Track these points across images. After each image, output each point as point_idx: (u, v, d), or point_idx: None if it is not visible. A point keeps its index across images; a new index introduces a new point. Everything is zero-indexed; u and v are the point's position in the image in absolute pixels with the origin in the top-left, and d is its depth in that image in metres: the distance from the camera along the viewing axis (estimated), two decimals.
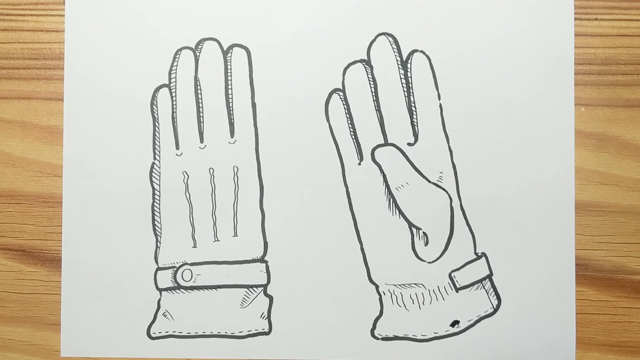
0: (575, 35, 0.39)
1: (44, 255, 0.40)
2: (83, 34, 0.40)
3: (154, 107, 0.40)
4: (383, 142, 0.39)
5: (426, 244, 0.39)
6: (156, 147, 0.40)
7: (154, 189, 0.40)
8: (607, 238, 0.39)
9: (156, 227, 0.40)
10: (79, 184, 0.40)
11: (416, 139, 0.39)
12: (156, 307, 0.40)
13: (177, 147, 0.40)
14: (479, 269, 0.39)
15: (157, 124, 0.40)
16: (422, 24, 0.39)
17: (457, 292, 0.39)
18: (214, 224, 0.40)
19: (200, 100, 0.40)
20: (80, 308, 0.40)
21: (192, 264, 0.39)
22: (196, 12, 0.40)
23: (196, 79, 0.40)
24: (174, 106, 0.40)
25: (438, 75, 0.39)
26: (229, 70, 0.40)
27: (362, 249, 0.39)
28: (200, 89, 0.40)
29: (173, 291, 0.39)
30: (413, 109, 0.39)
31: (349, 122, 0.40)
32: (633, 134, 0.39)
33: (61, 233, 0.40)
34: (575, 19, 0.39)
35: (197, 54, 0.40)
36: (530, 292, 0.39)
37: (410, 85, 0.39)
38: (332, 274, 0.39)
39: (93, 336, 0.40)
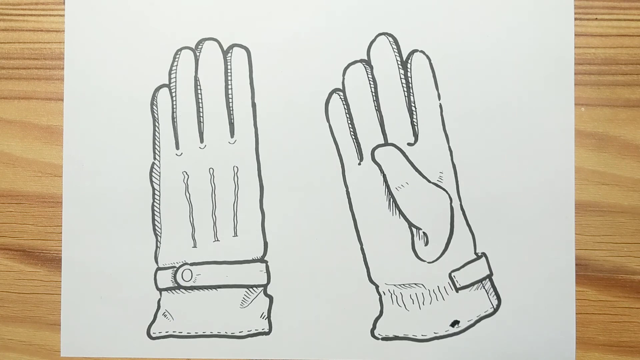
0: (575, 35, 0.39)
1: (44, 255, 0.40)
2: (83, 34, 0.40)
3: (154, 107, 0.40)
4: (383, 142, 0.39)
5: (426, 244, 0.39)
6: (156, 147, 0.40)
7: (154, 189, 0.40)
8: (607, 238, 0.39)
9: (156, 227, 0.40)
10: (79, 184, 0.40)
11: (416, 139, 0.39)
12: (156, 307, 0.40)
13: (177, 147, 0.40)
14: (479, 269, 0.39)
15: (157, 124, 0.40)
16: (422, 24, 0.39)
17: (457, 292, 0.39)
18: (214, 224, 0.40)
19: (200, 100, 0.40)
20: (80, 308, 0.40)
21: (192, 264, 0.39)
22: (196, 12, 0.40)
23: (196, 79, 0.40)
24: (174, 106, 0.40)
25: (438, 75, 0.39)
26: (229, 70, 0.40)
27: (362, 249, 0.39)
28: (200, 89, 0.40)
29: (173, 291, 0.39)
30: (413, 109, 0.39)
31: (349, 122, 0.40)
32: (633, 134, 0.39)
33: (61, 233, 0.40)
34: (575, 19, 0.39)
35: (197, 54, 0.40)
36: (530, 292, 0.39)
37: (410, 85, 0.39)
38: (332, 274, 0.39)
39: (93, 336, 0.40)
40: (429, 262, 0.39)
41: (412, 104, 0.39)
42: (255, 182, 0.40)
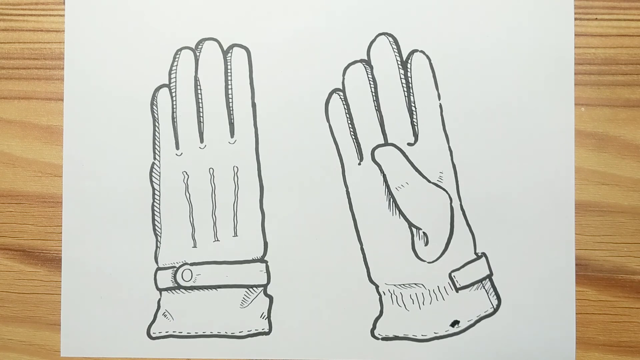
0: (575, 35, 0.39)
1: (44, 255, 0.40)
2: (83, 34, 0.40)
3: (154, 107, 0.40)
4: (383, 142, 0.39)
5: (426, 244, 0.39)
6: (156, 147, 0.40)
7: (154, 189, 0.40)
8: (607, 238, 0.39)
9: (156, 227, 0.40)
10: (79, 184, 0.40)
11: (416, 139, 0.39)
12: (156, 307, 0.40)
13: (177, 147, 0.40)
14: (479, 269, 0.39)
15: (157, 124, 0.40)
16: (422, 24, 0.39)
17: (457, 292, 0.39)
18: (214, 224, 0.40)
19: (200, 100, 0.40)
20: (80, 308, 0.40)
21: (192, 264, 0.39)
22: (196, 12, 0.40)
23: (196, 79, 0.40)
24: (174, 106, 0.40)
25: (438, 75, 0.39)
26: (229, 70, 0.40)
27: (362, 249, 0.39)
28: (200, 89, 0.40)
29: (173, 291, 0.39)
30: (413, 109, 0.39)
31: (349, 122, 0.40)
32: (633, 134, 0.39)
33: (61, 233, 0.40)
34: (575, 19, 0.39)
35: (197, 54, 0.40)
36: (530, 292, 0.39)
37: (410, 85, 0.39)
38: (332, 274, 0.39)
39: (93, 336, 0.40)
40: (429, 262, 0.39)
41: (412, 104, 0.39)
42: (255, 182, 0.40)
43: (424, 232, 0.39)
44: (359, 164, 0.39)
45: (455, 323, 0.39)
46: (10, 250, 0.40)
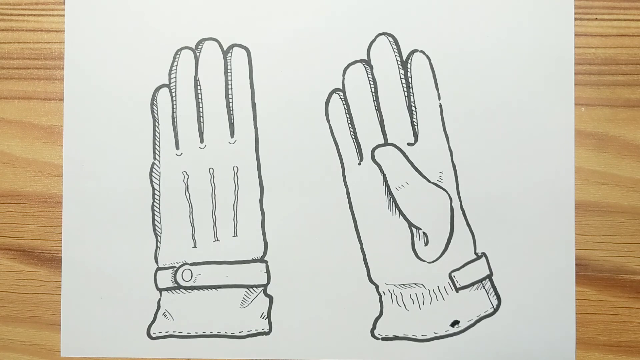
0: (575, 35, 0.39)
1: (44, 255, 0.40)
2: (83, 34, 0.40)
3: (154, 107, 0.40)
4: (383, 142, 0.39)
5: (426, 244, 0.39)
6: (156, 147, 0.40)
7: (154, 189, 0.40)
8: (607, 238, 0.39)
9: (156, 227, 0.40)
10: (79, 184, 0.40)
11: (416, 139, 0.39)
12: (156, 307, 0.40)
13: (177, 147, 0.40)
14: (479, 269, 0.39)
15: (157, 124, 0.40)
16: (422, 24, 0.39)
17: (457, 292, 0.39)
18: (214, 224, 0.40)
19: (200, 100, 0.40)
20: (80, 308, 0.40)
21: (192, 264, 0.39)
22: (196, 12, 0.40)
23: (196, 79, 0.40)
24: (174, 106, 0.40)
25: (438, 75, 0.39)
26: (229, 70, 0.40)
27: (362, 249, 0.39)
28: (200, 89, 0.40)
29: (173, 291, 0.39)
30: (413, 109, 0.39)
31: (349, 122, 0.40)
32: (633, 134, 0.39)
33: (61, 233, 0.40)
34: (575, 19, 0.39)
35: (197, 54, 0.40)
36: (530, 292, 0.39)
37: (410, 85, 0.39)
38: (332, 274, 0.39)
39: (93, 336, 0.40)
40: (429, 262, 0.39)
41: (412, 104, 0.39)
42: (255, 182, 0.40)
43: (424, 232, 0.39)
44: (359, 164, 0.39)
45: (455, 323, 0.39)
46: (10, 250, 0.40)
